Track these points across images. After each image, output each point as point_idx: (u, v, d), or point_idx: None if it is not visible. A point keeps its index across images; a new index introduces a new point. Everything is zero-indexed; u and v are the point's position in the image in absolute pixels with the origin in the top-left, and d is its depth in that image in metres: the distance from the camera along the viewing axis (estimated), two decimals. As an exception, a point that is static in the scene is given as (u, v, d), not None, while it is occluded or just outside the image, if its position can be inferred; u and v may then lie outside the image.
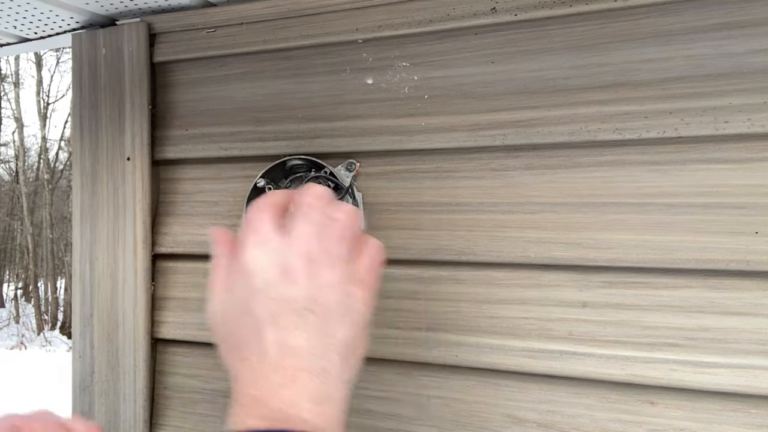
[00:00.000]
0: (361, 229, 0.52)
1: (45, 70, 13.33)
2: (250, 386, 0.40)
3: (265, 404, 0.39)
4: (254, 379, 0.41)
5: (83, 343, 0.75)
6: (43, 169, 12.48)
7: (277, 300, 0.40)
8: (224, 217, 0.71)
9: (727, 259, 0.52)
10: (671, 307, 0.54)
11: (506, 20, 0.58)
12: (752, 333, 0.52)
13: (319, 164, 0.64)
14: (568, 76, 0.58)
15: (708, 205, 0.53)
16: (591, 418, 0.57)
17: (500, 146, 0.60)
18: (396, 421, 0.63)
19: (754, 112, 0.52)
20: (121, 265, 0.73)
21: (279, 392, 0.39)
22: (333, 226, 0.41)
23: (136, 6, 0.71)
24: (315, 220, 0.41)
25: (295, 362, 0.40)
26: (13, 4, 0.69)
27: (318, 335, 0.40)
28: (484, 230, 0.60)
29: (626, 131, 0.55)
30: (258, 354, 0.41)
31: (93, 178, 0.75)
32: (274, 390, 0.40)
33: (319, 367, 0.40)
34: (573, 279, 0.58)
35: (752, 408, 0.52)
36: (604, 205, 0.57)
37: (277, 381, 0.40)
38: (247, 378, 0.41)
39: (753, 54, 0.52)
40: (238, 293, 0.42)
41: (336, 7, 0.65)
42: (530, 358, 0.58)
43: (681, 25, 0.54)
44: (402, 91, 0.64)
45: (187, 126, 0.73)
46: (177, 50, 0.72)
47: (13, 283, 13.95)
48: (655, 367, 0.54)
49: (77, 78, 0.76)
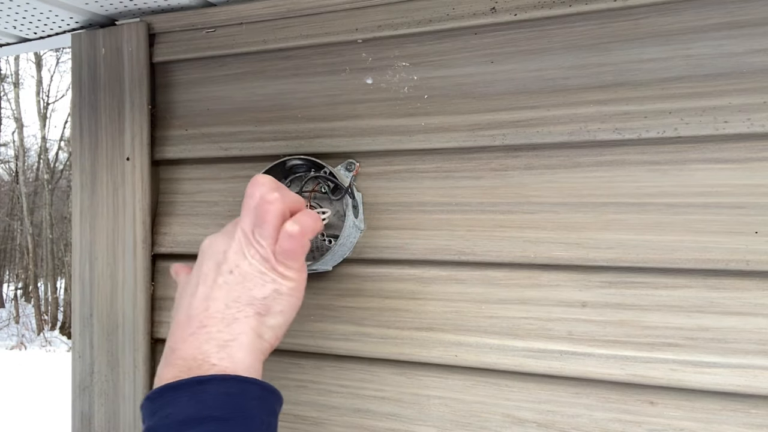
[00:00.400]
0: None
1: (45, 70, 13.34)
2: (170, 340, 0.48)
3: (180, 354, 0.45)
4: (173, 332, 0.47)
5: (83, 343, 0.75)
6: (43, 169, 12.48)
7: (212, 266, 0.49)
8: (224, 217, 0.71)
9: (726, 258, 0.52)
10: (671, 306, 0.54)
11: (506, 20, 0.58)
12: (752, 333, 0.52)
13: (318, 164, 0.64)
14: (567, 76, 0.58)
15: (707, 204, 0.53)
16: (591, 418, 0.57)
17: (500, 146, 0.60)
18: (396, 421, 0.63)
19: (753, 112, 0.52)
20: (121, 265, 0.73)
21: (189, 340, 0.45)
22: (264, 207, 0.49)
23: (136, 6, 0.71)
24: (250, 206, 0.49)
25: (210, 311, 0.47)
26: (12, 4, 0.69)
27: (236, 289, 0.48)
28: (483, 230, 0.60)
29: (626, 131, 0.55)
30: (184, 308, 0.49)
31: (93, 178, 0.75)
32: (185, 339, 0.46)
33: (230, 316, 0.47)
34: (573, 279, 0.58)
35: (752, 408, 0.52)
36: (603, 205, 0.57)
37: (190, 330, 0.46)
38: (170, 333, 0.48)
39: (753, 54, 0.52)
40: (192, 273, 0.52)
41: (335, 7, 0.65)
42: (530, 358, 0.58)
43: (681, 25, 0.54)
44: (401, 91, 0.64)
45: (186, 126, 0.73)
46: (177, 50, 0.72)
47: (13, 284, 13.95)
48: (654, 367, 0.54)
49: (77, 78, 0.76)
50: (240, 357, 0.45)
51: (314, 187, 0.65)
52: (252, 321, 0.47)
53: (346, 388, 0.65)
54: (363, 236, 0.65)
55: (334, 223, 0.65)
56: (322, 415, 0.66)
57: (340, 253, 0.64)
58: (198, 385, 0.42)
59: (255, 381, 0.45)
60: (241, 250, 0.49)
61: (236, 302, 0.47)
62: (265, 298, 0.48)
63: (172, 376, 0.44)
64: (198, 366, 0.44)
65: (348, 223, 0.62)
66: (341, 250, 0.63)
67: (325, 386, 0.66)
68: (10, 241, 13.82)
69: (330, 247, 0.63)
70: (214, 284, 0.49)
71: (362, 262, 0.65)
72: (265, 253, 0.49)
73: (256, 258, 0.48)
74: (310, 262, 0.64)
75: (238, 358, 0.45)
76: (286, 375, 0.68)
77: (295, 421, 0.67)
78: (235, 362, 0.45)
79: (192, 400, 0.42)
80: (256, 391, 0.44)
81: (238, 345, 0.46)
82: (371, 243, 0.64)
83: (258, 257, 0.48)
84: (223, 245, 0.50)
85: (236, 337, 0.46)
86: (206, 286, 0.49)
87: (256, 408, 0.43)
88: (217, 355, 0.45)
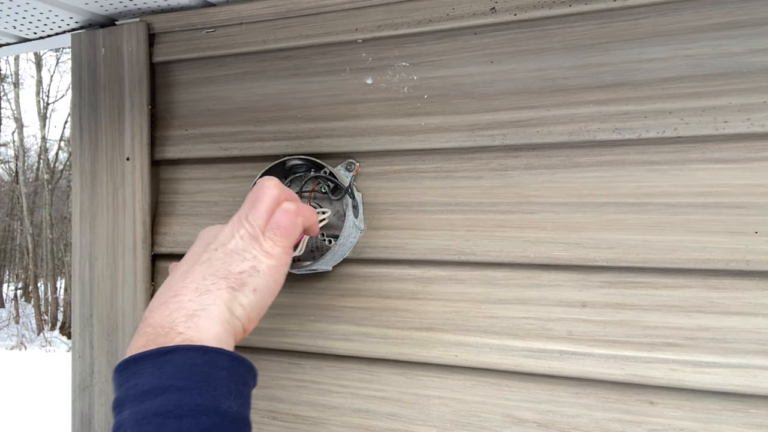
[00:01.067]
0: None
1: (45, 71, 13.34)
2: (146, 311, 0.48)
3: (149, 322, 0.46)
4: (150, 305, 0.48)
5: (83, 343, 0.75)
6: (43, 170, 12.48)
7: (201, 246, 0.51)
8: (224, 217, 0.71)
9: (726, 258, 0.52)
10: (671, 306, 0.54)
11: (506, 20, 0.58)
12: (752, 333, 0.52)
13: (318, 164, 0.64)
14: (567, 75, 0.58)
15: (707, 204, 0.53)
16: (591, 418, 0.57)
17: (500, 146, 0.60)
18: (396, 421, 0.63)
19: (753, 112, 0.52)
20: (121, 266, 0.73)
21: (161, 309, 0.46)
22: (262, 190, 0.51)
23: (136, 6, 0.71)
24: (249, 196, 0.52)
25: (185, 282, 0.48)
26: (12, 4, 0.69)
27: (216, 265, 0.49)
28: (483, 230, 0.60)
29: (626, 131, 0.55)
30: (165, 282, 0.50)
31: (92, 178, 0.75)
32: (157, 308, 0.47)
33: (203, 287, 0.47)
34: (573, 279, 0.58)
35: (752, 408, 0.52)
36: (603, 205, 0.57)
37: (163, 299, 0.47)
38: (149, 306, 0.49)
39: (752, 54, 0.52)
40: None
41: (335, 7, 0.65)
42: (530, 358, 0.58)
43: (680, 24, 0.54)
44: (401, 91, 0.64)
45: (186, 126, 0.73)
46: (176, 50, 0.72)
47: (13, 284, 13.94)
48: (654, 367, 0.54)
49: (77, 78, 0.76)
50: (207, 327, 0.45)
51: (314, 187, 0.65)
52: (224, 293, 0.47)
53: (346, 388, 0.65)
54: (363, 236, 0.65)
55: (334, 223, 0.65)
56: (322, 415, 0.66)
57: (340, 253, 0.64)
58: (162, 355, 0.42)
59: (222, 351, 0.44)
60: (232, 231, 0.51)
61: (213, 275, 0.48)
62: (241, 273, 0.48)
63: (140, 346, 0.44)
64: (165, 334, 0.44)
65: (348, 223, 0.62)
66: (341, 250, 0.63)
67: (325, 386, 0.66)
68: (10, 241, 13.82)
69: (330, 247, 0.63)
70: (198, 260, 0.50)
71: (362, 262, 0.65)
72: (253, 231, 0.50)
73: (245, 237, 0.50)
74: (310, 262, 0.64)
75: (205, 327, 0.45)
76: (286, 375, 0.68)
77: (295, 421, 0.67)
78: (202, 332, 0.44)
79: (156, 370, 0.41)
80: (223, 361, 0.44)
81: (207, 315, 0.45)
82: (371, 243, 0.64)
83: (247, 236, 0.50)
84: (216, 230, 0.52)
85: (205, 307, 0.46)
86: (190, 263, 0.50)
87: (223, 378, 0.43)
88: (184, 324, 0.44)
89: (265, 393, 0.69)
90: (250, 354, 0.70)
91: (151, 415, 0.40)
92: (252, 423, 0.45)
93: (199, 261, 0.49)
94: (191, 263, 0.50)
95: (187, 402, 0.40)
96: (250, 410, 0.45)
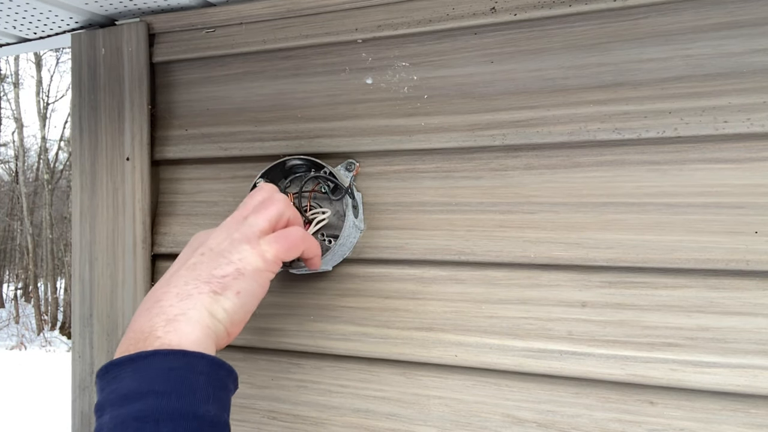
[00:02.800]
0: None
1: (45, 71, 13.35)
2: (132, 317, 0.48)
3: (132, 327, 0.46)
4: (137, 311, 0.48)
5: (83, 344, 0.75)
6: (43, 170, 12.48)
7: (189, 251, 0.52)
8: (224, 217, 0.71)
9: (726, 258, 0.52)
10: (671, 306, 0.54)
11: (506, 20, 0.58)
12: (752, 333, 0.52)
13: (318, 164, 0.64)
14: (567, 75, 0.58)
15: (707, 204, 0.53)
16: (591, 418, 0.57)
17: (499, 146, 0.60)
18: (396, 421, 0.63)
19: (753, 112, 0.52)
20: (121, 266, 0.73)
21: (144, 315, 0.46)
22: (271, 201, 0.53)
23: (136, 6, 0.71)
24: (253, 200, 0.55)
25: (169, 287, 0.48)
26: (12, 4, 0.69)
27: (201, 269, 0.49)
28: (483, 230, 0.60)
29: (625, 131, 0.55)
30: (152, 289, 0.50)
31: (92, 178, 0.75)
32: (140, 314, 0.47)
33: (185, 292, 0.47)
34: (572, 279, 0.58)
35: (752, 408, 0.52)
36: (603, 204, 0.57)
37: (147, 305, 0.47)
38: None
39: (752, 54, 0.52)
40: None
41: (335, 7, 0.65)
42: (530, 358, 0.58)
43: (680, 24, 0.54)
44: (401, 91, 0.64)
45: (186, 126, 0.73)
46: (176, 50, 0.72)
47: (13, 284, 13.94)
48: (654, 367, 0.54)
49: (77, 78, 0.76)
50: (187, 331, 0.45)
51: (314, 187, 0.65)
52: (205, 297, 0.47)
53: (346, 388, 0.65)
54: (363, 236, 0.65)
55: (334, 223, 0.65)
56: (322, 415, 0.66)
57: (340, 253, 0.64)
58: (141, 360, 0.42)
59: (202, 355, 0.44)
60: (226, 231, 0.51)
61: (195, 280, 0.48)
62: (224, 276, 0.48)
63: (122, 351, 0.44)
64: (144, 339, 0.44)
65: (348, 223, 0.62)
66: (341, 250, 0.63)
67: (325, 386, 0.66)
68: (10, 241, 13.82)
69: (330, 247, 0.63)
70: (184, 264, 0.50)
71: (362, 262, 0.65)
72: (249, 233, 0.50)
73: (237, 239, 0.50)
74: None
75: (184, 332, 0.45)
76: (286, 375, 0.68)
77: (295, 421, 0.67)
78: (181, 336, 0.44)
79: (135, 374, 0.42)
80: (202, 365, 0.44)
81: (186, 319, 0.45)
82: (371, 243, 0.64)
83: (239, 237, 0.50)
84: (205, 235, 0.52)
85: (185, 311, 0.46)
86: (176, 268, 0.50)
87: (201, 382, 0.43)
88: (164, 328, 0.45)
89: (265, 393, 0.69)
90: (250, 354, 0.70)
91: (131, 419, 0.40)
92: (231, 426, 0.45)
93: (185, 266, 0.50)
94: (177, 268, 0.50)
95: (165, 407, 0.40)
96: (229, 414, 0.45)
